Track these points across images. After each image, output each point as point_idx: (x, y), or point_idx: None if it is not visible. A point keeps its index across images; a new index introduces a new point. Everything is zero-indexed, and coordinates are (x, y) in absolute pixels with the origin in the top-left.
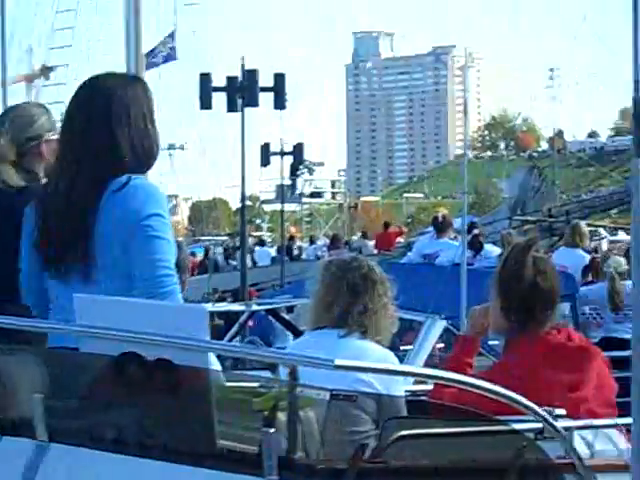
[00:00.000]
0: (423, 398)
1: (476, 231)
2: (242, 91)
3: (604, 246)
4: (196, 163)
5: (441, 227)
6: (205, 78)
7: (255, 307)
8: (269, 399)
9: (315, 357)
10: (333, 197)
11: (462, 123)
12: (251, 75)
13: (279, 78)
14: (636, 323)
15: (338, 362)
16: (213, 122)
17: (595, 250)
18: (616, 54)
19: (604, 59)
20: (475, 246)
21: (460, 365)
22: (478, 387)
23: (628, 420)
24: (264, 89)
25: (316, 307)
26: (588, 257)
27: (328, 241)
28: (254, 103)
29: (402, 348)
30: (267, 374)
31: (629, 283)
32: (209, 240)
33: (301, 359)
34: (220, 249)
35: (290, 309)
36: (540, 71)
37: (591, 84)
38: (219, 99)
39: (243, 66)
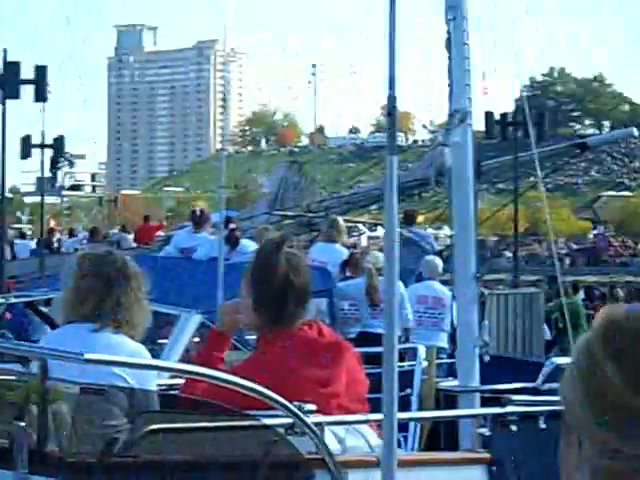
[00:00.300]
0: (176, 392)
1: (232, 226)
2: (3, 83)
3: (363, 242)
4: None
5: (199, 221)
6: None
7: (13, 300)
8: (20, 392)
9: (65, 351)
10: (93, 190)
11: (223, 118)
12: (12, 67)
13: (40, 70)
14: (387, 319)
15: (88, 356)
16: None
17: (354, 246)
18: (376, 51)
19: (366, 55)
20: (231, 241)
21: (211, 360)
22: (229, 382)
23: (379, 416)
24: (25, 81)
25: (70, 301)
26: (346, 252)
27: (88, 234)
28: (15, 95)
29: (160, 342)
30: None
31: None
32: None
33: (51, 353)
34: None
35: (48, 302)
36: (302, 66)
37: (353, 80)
38: None
39: (5, 58)
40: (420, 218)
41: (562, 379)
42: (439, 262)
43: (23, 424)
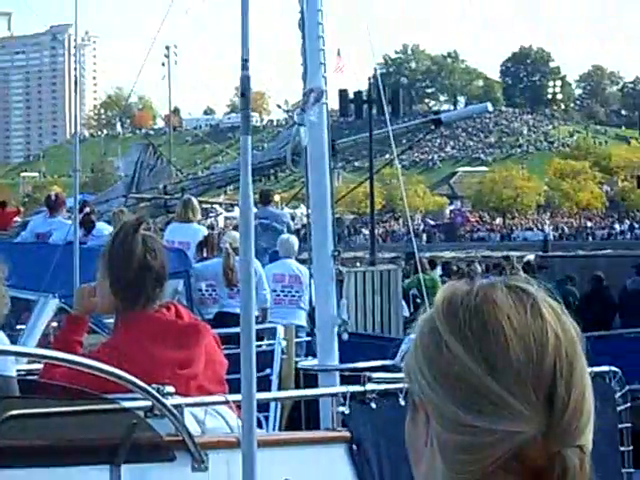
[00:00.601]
0: (35, 377)
1: (87, 209)
2: None
3: (220, 222)
4: None
5: (54, 206)
6: None
7: None
8: None
9: None
10: None
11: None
12: None
13: None
14: (244, 299)
15: None
16: None
17: (212, 227)
18: (231, 32)
19: (221, 37)
20: (87, 225)
21: (69, 344)
22: (87, 366)
23: (238, 396)
24: None
25: None
26: (203, 232)
27: None
28: None
29: (19, 328)
30: None
31: None
32: None
33: None
34: None
35: None
36: (156, 48)
37: (208, 61)
38: None
39: None
40: (276, 198)
41: (406, 356)
42: (295, 241)
43: None
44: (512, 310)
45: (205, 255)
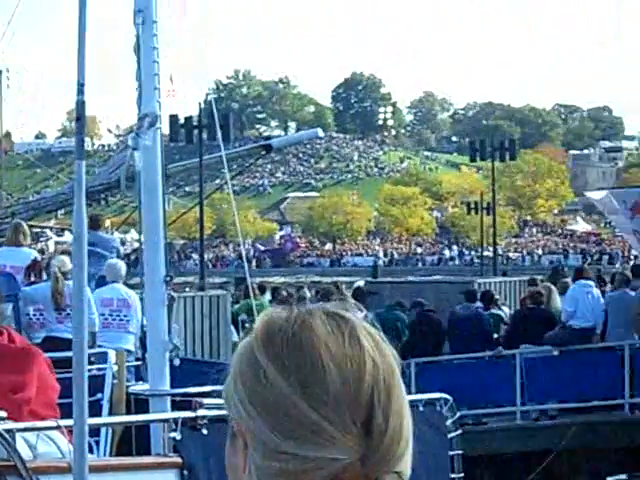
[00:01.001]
0: None
1: None
2: None
3: (51, 247)
4: None
5: None
6: None
7: None
8: None
9: None
10: None
11: None
12: None
13: None
14: (76, 323)
15: None
16: None
17: (42, 251)
18: (65, 55)
19: (54, 60)
20: None
21: None
22: None
23: (70, 421)
24: None
25: None
26: (34, 256)
27: None
28: None
29: None
30: None
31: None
32: None
33: None
34: None
35: None
36: None
37: (40, 84)
38: None
39: None
40: (107, 222)
41: (225, 383)
42: (122, 265)
43: None
44: (330, 337)
45: (33, 279)
